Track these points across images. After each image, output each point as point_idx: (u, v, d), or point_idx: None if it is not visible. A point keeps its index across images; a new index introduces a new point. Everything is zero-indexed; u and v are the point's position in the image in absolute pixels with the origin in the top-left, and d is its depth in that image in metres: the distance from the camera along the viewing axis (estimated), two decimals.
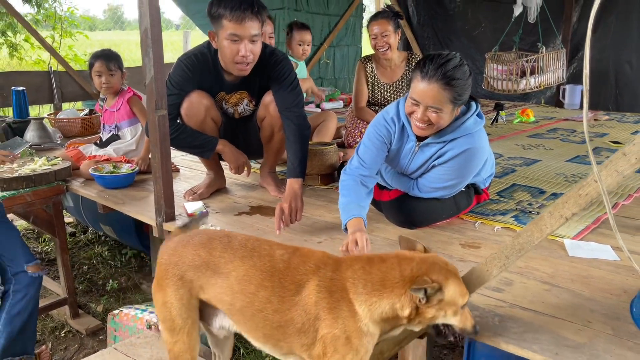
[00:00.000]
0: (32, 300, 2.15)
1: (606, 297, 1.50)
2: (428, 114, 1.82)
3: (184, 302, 1.31)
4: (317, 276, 1.20)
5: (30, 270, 2.13)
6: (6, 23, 5.98)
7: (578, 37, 5.36)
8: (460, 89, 1.80)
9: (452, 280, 1.17)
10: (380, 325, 1.18)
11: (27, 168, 2.59)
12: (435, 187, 2.01)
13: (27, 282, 2.12)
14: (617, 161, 1.03)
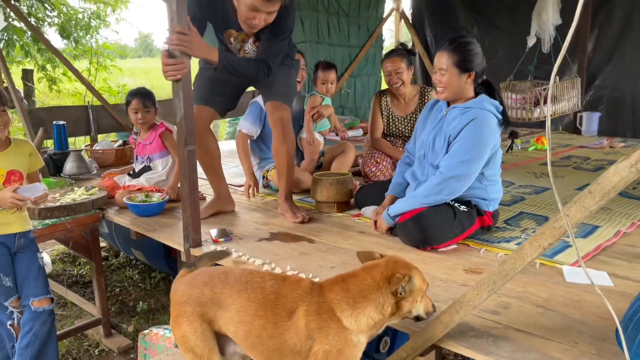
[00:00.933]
0: (39, 334, 2.19)
1: (596, 320, 1.62)
2: (439, 77, 2.31)
3: (198, 334, 1.50)
4: (305, 302, 1.39)
5: (34, 305, 2.19)
6: (46, 58, 6.38)
7: (594, 66, 5.47)
8: (464, 55, 2.28)
9: (415, 270, 1.41)
10: (367, 332, 1.36)
11: (67, 197, 2.83)
12: (456, 162, 2.24)
13: (30, 316, 2.19)
14: (585, 198, 1.17)
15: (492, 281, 1.37)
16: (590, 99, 5.53)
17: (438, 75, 2.32)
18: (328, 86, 3.38)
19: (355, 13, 6.31)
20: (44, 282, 2.29)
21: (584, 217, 1.18)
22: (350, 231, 2.52)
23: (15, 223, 2.18)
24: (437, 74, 2.33)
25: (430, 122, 2.49)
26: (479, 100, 2.30)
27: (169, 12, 2.20)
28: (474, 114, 2.25)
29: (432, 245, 2.24)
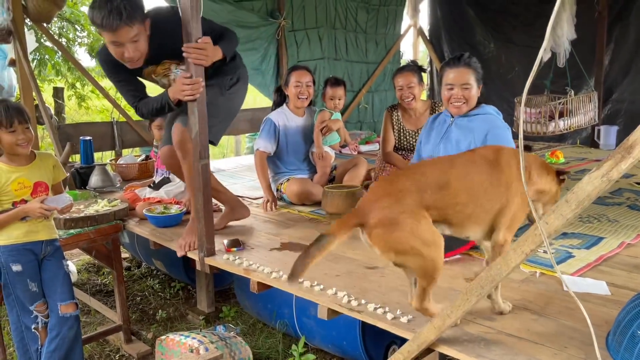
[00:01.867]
0: (66, 338, 2.31)
1: (586, 326, 1.65)
2: (462, 92, 2.45)
3: (425, 221, 1.61)
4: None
5: (62, 310, 2.32)
6: (76, 76, 6.66)
7: (610, 80, 5.47)
8: (478, 69, 2.50)
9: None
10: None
11: (91, 209, 2.99)
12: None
13: (57, 320, 2.31)
14: (562, 207, 1.24)
15: (480, 286, 1.44)
16: (608, 112, 5.53)
17: (458, 90, 2.46)
18: (336, 102, 3.48)
19: (373, 30, 6.44)
20: (70, 287, 2.42)
21: (562, 224, 1.25)
22: (358, 241, 2.57)
23: (42, 231, 2.33)
24: (458, 89, 2.46)
25: (435, 135, 2.60)
26: (484, 107, 2.51)
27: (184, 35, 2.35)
28: (490, 119, 2.47)
29: None
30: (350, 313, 1.87)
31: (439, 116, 2.68)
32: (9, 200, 2.23)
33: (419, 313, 1.79)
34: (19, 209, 2.22)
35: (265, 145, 3.37)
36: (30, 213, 2.21)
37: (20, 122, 2.19)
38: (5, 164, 2.23)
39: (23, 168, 2.27)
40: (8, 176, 2.21)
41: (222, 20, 4.86)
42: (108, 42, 2.35)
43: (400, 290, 1.99)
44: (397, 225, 1.58)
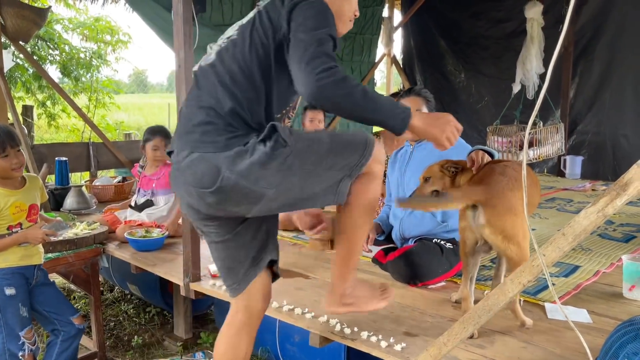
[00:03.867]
0: (75, 350, 2.45)
1: (574, 354, 1.73)
2: None
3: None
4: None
5: (76, 322, 2.44)
6: (47, 95, 6.54)
7: (576, 113, 5.71)
8: (429, 98, 2.61)
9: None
10: None
11: (70, 232, 2.92)
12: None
13: (74, 332, 2.43)
14: (559, 240, 1.30)
15: (477, 315, 1.48)
16: (573, 143, 5.76)
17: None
18: (316, 123, 3.53)
19: (349, 57, 6.56)
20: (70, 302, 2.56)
21: (559, 256, 1.31)
22: None
23: (36, 255, 2.35)
24: None
25: (400, 164, 2.72)
26: None
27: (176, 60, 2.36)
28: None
29: (422, 281, 2.35)
30: (344, 341, 1.88)
31: (401, 149, 2.80)
32: (5, 224, 2.22)
33: (412, 341, 1.82)
34: (20, 235, 2.21)
35: None
36: (31, 239, 2.23)
37: (12, 146, 2.18)
38: (1, 188, 2.20)
39: (18, 191, 2.25)
40: (6, 200, 2.19)
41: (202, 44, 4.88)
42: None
43: (390, 318, 2.02)
44: (514, 211, 1.74)
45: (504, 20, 6.11)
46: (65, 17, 6.77)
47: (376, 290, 1.82)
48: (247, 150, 1.49)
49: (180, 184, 1.60)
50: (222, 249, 1.73)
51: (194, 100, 1.63)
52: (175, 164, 1.60)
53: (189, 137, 1.56)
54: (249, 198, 1.52)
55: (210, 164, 1.50)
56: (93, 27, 6.81)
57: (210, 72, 1.62)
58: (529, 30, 5.12)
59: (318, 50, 1.47)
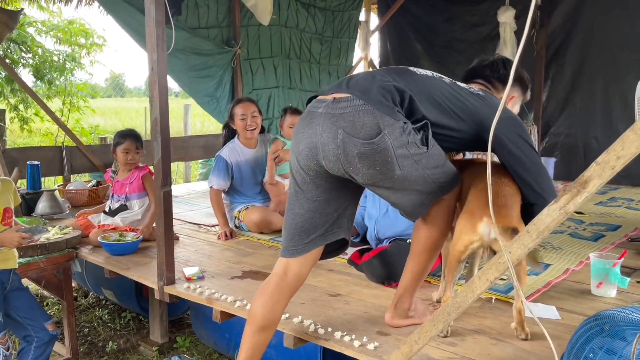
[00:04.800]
0: (48, 356, 2.42)
1: (542, 350, 1.77)
2: None
3: None
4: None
5: (50, 328, 2.41)
6: (19, 99, 6.42)
7: (548, 115, 5.82)
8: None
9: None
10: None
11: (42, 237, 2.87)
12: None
13: (47, 339, 2.40)
14: (524, 237, 1.33)
15: (446, 313, 1.50)
16: (546, 145, 5.87)
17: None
18: None
19: (326, 61, 6.59)
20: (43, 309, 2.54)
21: (524, 253, 1.34)
22: (319, 269, 2.64)
23: (12, 259, 2.34)
24: None
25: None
26: None
27: (149, 62, 2.35)
28: None
29: (397, 281, 2.36)
30: (317, 341, 1.89)
31: None
32: None
33: (384, 340, 1.84)
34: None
35: (219, 183, 3.37)
36: (7, 243, 2.21)
37: None
38: None
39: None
40: None
41: (178, 47, 4.86)
42: None
43: (365, 318, 2.03)
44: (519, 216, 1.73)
45: (479, 25, 6.21)
46: (39, 19, 6.66)
47: (425, 303, 2.08)
48: (406, 129, 1.63)
49: (326, 126, 1.65)
50: (310, 209, 1.79)
51: (387, 75, 1.75)
52: (328, 107, 1.67)
53: (368, 92, 1.66)
54: (384, 167, 1.63)
55: (376, 121, 1.60)
56: (67, 29, 6.71)
57: (417, 76, 1.79)
58: (502, 35, 5.23)
59: None
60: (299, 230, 1.81)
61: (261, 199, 3.54)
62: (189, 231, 3.43)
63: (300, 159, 1.73)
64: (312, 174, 1.74)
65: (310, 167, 1.73)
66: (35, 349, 2.38)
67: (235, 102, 3.58)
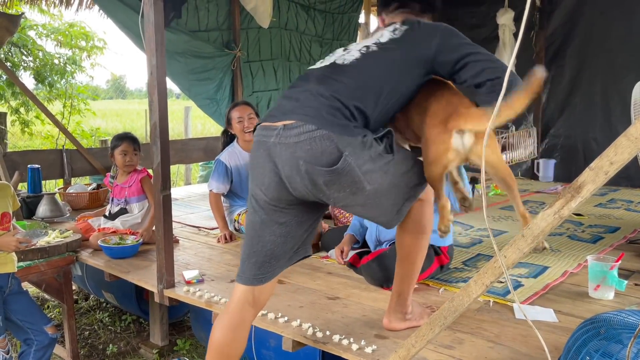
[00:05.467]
0: (48, 359, 2.43)
1: (539, 352, 1.77)
2: None
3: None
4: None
5: (49, 331, 2.43)
6: (20, 102, 6.45)
7: (548, 117, 5.83)
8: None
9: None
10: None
11: (42, 240, 2.89)
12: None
13: (47, 342, 2.41)
14: (518, 241, 1.34)
15: (443, 316, 1.51)
16: (545, 147, 5.87)
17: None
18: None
19: None
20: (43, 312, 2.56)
21: (519, 257, 1.35)
22: (318, 272, 2.65)
23: (10, 263, 2.35)
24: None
25: None
26: None
27: (148, 67, 2.37)
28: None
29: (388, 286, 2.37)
30: (316, 345, 1.90)
31: None
32: None
33: (382, 343, 1.85)
34: None
35: (218, 187, 3.38)
36: (5, 247, 2.22)
37: None
38: None
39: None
40: None
41: (178, 50, 4.88)
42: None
43: (363, 321, 2.04)
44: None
45: (478, 26, 6.21)
46: (39, 22, 6.68)
47: (422, 306, 2.09)
48: (366, 143, 1.57)
49: (285, 159, 1.59)
50: (281, 234, 1.71)
51: (322, 85, 1.65)
52: (280, 137, 1.59)
53: (317, 113, 1.58)
54: (354, 187, 1.59)
55: (334, 144, 1.54)
56: (67, 32, 6.73)
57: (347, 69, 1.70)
58: (501, 36, 5.23)
59: None
60: (269, 257, 1.73)
61: None
62: (189, 234, 3.45)
63: (268, 193, 1.65)
64: (283, 204, 1.68)
65: (281, 199, 1.66)
66: (35, 352, 2.40)
67: (231, 106, 3.59)
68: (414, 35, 1.76)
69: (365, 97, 1.66)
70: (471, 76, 1.66)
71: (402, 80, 1.72)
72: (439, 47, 1.71)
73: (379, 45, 1.74)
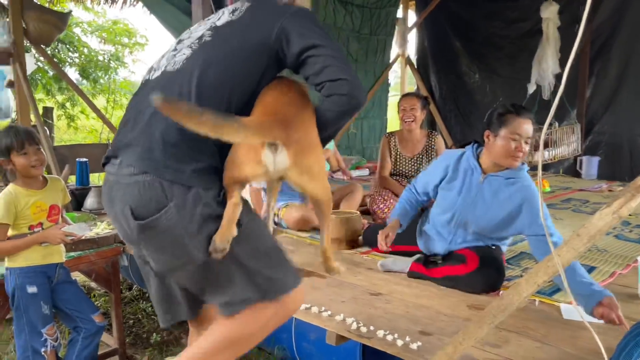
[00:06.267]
0: (96, 346, 2.51)
1: (588, 354, 1.75)
2: (523, 146, 2.23)
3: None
4: None
5: (97, 319, 2.50)
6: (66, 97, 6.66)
7: (592, 113, 5.68)
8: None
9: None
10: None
11: (91, 232, 2.99)
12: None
13: (94, 330, 2.48)
14: (573, 241, 1.32)
15: (492, 315, 1.50)
16: (589, 143, 5.72)
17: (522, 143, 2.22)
18: None
19: (363, 59, 6.59)
20: (91, 300, 2.64)
21: (574, 257, 1.33)
22: (359, 267, 2.66)
23: (57, 254, 2.40)
24: (520, 142, 2.22)
25: (460, 186, 2.42)
26: (522, 171, 2.36)
27: None
28: (529, 191, 2.32)
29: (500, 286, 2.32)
30: (360, 339, 1.91)
31: (463, 160, 2.43)
32: (26, 224, 2.27)
33: (427, 340, 1.85)
34: (40, 235, 2.26)
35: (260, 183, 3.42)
36: (51, 240, 2.27)
37: (31, 144, 2.23)
38: (22, 187, 2.26)
39: (39, 192, 2.30)
40: (27, 200, 2.25)
41: None
42: None
43: (406, 317, 2.04)
44: (316, 144, 1.42)
45: (519, 20, 6.09)
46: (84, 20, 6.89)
47: None
48: (201, 198, 1.31)
49: (117, 200, 1.38)
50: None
51: (158, 113, 1.31)
52: (115, 175, 1.39)
53: (149, 155, 1.34)
54: (176, 250, 1.34)
55: (160, 193, 1.31)
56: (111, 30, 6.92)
57: (178, 78, 1.40)
58: (545, 30, 5.11)
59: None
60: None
61: (300, 197, 3.58)
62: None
63: (121, 234, 1.47)
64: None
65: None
66: (83, 340, 2.47)
67: None
68: (254, 15, 1.43)
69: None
70: (312, 74, 1.39)
71: (248, 76, 1.39)
72: (280, 33, 1.38)
73: (214, 32, 1.42)
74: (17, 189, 2.25)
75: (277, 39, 1.37)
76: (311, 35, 1.38)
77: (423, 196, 2.64)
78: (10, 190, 2.24)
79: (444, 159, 2.52)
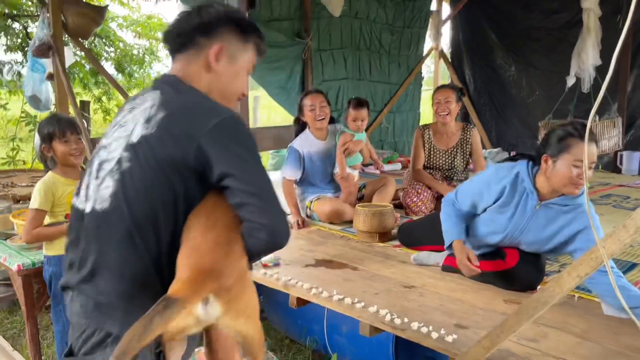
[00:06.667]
0: None
1: (634, 350, 1.68)
2: (583, 173, 1.95)
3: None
4: None
5: None
6: (103, 91, 6.81)
7: (633, 106, 5.49)
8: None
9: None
10: None
11: None
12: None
13: None
14: (619, 232, 1.27)
15: (532, 307, 1.46)
16: (630, 138, 5.54)
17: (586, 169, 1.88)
18: (359, 123, 3.50)
19: (396, 52, 6.52)
20: None
21: (619, 248, 1.28)
22: (392, 260, 2.64)
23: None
24: (579, 168, 1.98)
25: (514, 209, 2.21)
26: (582, 198, 2.11)
27: None
28: (586, 219, 2.11)
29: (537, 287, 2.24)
30: (394, 331, 1.89)
31: (518, 185, 2.19)
32: (62, 212, 2.30)
33: (463, 333, 1.82)
34: None
35: (292, 174, 3.43)
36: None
37: (72, 132, 2.28)
38: (61, 176, 2.30)
39: (77, 181, 2.34)
40: (64, 188, 2.29)
41: None
42: None
43: (441, 310, 2.01)
44: (248, 280, 1.24)
45: (558, 11, 5.93)
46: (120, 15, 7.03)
47: None
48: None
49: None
50: None
51: (93, 277, 1.23)
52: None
53: (110, 312, 1.21)
54: None
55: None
56: (146, 24, 7.03)
57: (109, 230, 1.25)
58: (585, 21, 4.95)
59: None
60: None
61: (332, 189, 3.57)
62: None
63: None
64: None
65: None
66: None
67: (303, 94, 3.62)
68: (170, 130, 1.22)
69: (146, 272, 1.21)
70: (234, 205, 1.21)
71: (174, 203, 1.22)
72: (199, 154, 1.20)
73: (132, 155, 1.23)
74: (56, 177, 2.29)
75: (197, 160, 1.21)
76: (229, 160, 1.21)
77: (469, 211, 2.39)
78: (49, 178, 2.29)
79: (498, 179, 2.23)
